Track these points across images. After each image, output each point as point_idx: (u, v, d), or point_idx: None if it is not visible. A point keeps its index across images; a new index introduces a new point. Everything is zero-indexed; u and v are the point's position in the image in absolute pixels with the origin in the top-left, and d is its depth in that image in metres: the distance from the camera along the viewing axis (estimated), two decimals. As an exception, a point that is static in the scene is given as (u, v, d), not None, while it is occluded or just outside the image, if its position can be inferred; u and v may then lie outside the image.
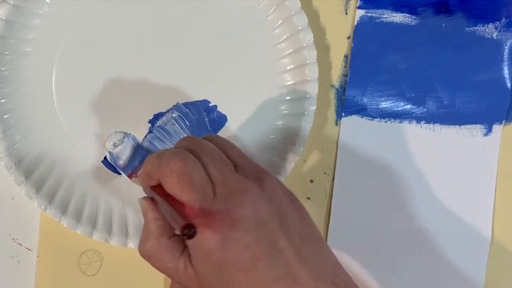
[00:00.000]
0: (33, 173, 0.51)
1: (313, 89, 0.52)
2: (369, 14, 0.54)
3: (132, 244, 0.52)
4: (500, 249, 0.56)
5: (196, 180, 0.39)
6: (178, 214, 0.38)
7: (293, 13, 0.51)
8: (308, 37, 0.52)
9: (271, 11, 0.52)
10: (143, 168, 0.42)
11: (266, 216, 0.39)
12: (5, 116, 0.51)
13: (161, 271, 0.42)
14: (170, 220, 0.41)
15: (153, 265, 0.42)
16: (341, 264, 0.41)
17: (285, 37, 0.53)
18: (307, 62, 0.52)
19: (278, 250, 0.38)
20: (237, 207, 0.38)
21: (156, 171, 0.40)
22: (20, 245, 0.54)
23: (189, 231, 0.37)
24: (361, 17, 0.54)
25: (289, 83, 0.53)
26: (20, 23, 0.50)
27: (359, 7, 0.54)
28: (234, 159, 0.42)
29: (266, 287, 0.38)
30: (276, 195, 0.40)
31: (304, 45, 0.52)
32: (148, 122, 0.52)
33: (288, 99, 0.53)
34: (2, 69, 0.51)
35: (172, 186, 0.39)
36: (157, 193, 0.41)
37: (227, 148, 0.43)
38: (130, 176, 0.49)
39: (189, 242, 0.40)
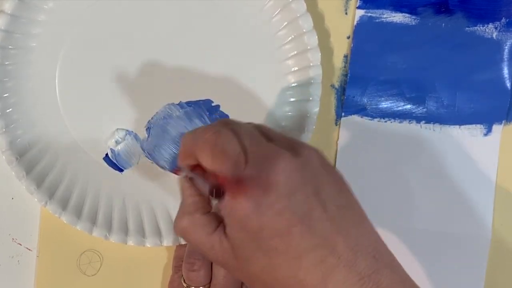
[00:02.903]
0: (34, 168, 0.51)
1: (316, 91, 0.52)
2: (369, 14, 0.54)
3: (132, 242, 0.52)
4: (500, 249, 0.56)
5: (229, 149, 0.39)
6: (209, 182, 0.39)
7: (298, 15, 0.52)
8: (312, 40, 0.52)
9: (277, 12, 0.52)
10: (180, 146, 0.42)
11: (299, 182, 0.38)
12: (8, 111, 0.51)
13: (196, 248, 0.42)
14: (203, 190, 0.41)
15: (188, 241, 0.42)
16: (383, 241, 0.40)
17: (289, 39, 0.53)
18: (311, 64, 0.52)
19: (313, 218, 0.38)
20: (269, 173, 0.38)
21: (191, 145, 0.41)
22: (20, 245, 0.54)
23: (217, 191, 0.37)
24: (361, 17, 0.54)
25: (293, 85, 0.53)
26: (25, 17, 0.50)
27: (359, 7, 0.54)
28: (267, 134, 0.42)
29: (303, 254, 0.37)
30: (311, 163, 0.40)
31: (309, 47, 0.52)
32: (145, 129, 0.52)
33: (291, 101, 0.53)
34: (6, 63, 0.51)
35: (206, 156, 0.39)
36: (195, 171, 0.41)
37: (261, 127, 0.43)
38: (176, 172, 0.49)
39: (224, 212, 0.39)
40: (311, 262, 0.37)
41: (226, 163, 0.38)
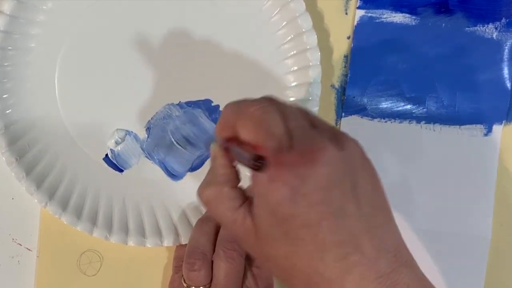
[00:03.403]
0: (34, 169, 0.51)
1: (316, 90, 0.52)
2: (369, 14, 0.54)
3: (132, 242, 0.52)
4: (500, 249, 0.56)
5: (274, 129, 0.37)
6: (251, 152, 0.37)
7: (297, 14, 0.52)
8: (312, 39, 0.52)
9: (276, 12, 0.52)
10: (220, 117, 0.41)
11: (339, 177, 0.37)
12: (7, 112, 0.51)
13: (217, 219, 0.42)
14: (241, 160, 0.39)
15: (210, 210, 0.42)
16: (404, 241, 0.40)
17: (289, 38, 0.53)
18: (310, 64, 0.52)
19: (345, 214, 0.37)
20: (311, 163, 0.37)
21: (233, 115, 0.39)
22: (20, 245, 0.54)
23: (260, 162, 0.36)
24: (361, 17, 0.54)
25: (292, 84, 0.53)
26: (24, 18, 0.50)
27: (359, 7, 0.54)
28: (312, 119, 0.41)
29: (328, 248, 0.37)
30: (353, 157, 0.39)
31: (308, 47, 0.52)
32: (145, 129, 0.52)
33: (291, 100, 0.53)
34: (5, 64, 0.51)
35: (249, 131, 0.38)
36: (231, 143, 0.40)
37: (305, 111, 0.42)
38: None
39: (257, 191, 0.39)
40: (333, 257, 0.37)
41: (270, 142, 0.37)
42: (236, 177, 0.42)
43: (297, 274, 0.39)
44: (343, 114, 0.55)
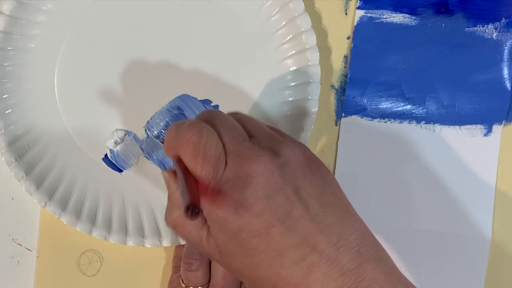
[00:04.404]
0: (34, 169, 0.51)
1: (315, 90, 0.52)
2: (369, 15, 0.54)
3: (131, 242, 0.52)
4: (500, 249, 0.56)
5: (210, 150, 0.38)
6: (188, 190, 0.38)
7: (296, 14, 0.52)
8: (311, 39, 0.52)
9: (275, 12, 0.52)
10: (165, 139, 0.42)
11: (278, 183, 0.38)
12: (7, 112, 0.51)
13: (186, 240, 0.42)
14: (180, 196, 0.40)
15: (179, 233, 0.42)
16: (373, 235, 0.40)
17: (288, 38, 0.53)
18: (310, 64, 0.52)
19: (293, 217, 0.38)
20: (247, 175, 0.38)
21: (174, 142, 0.40)
22: (20, 245, 0.54)
23: (193, 211, 0.36)
24: (361, 18, 0.54)
25: (291, 84, 0.53)
26: (24, 19, 0.51)
27: (359, 8, 0.54)
28: (250, 130, 0.42)
29: (283, 253, 0.38)
30: (292, 163, 0.40)
31: (307, 46, 0.52)
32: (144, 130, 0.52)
33: (290, 100, 0.53)
34: (5, 64, 0.51)
35: (187, 158, 0.39)
36: (179, 166, 0.40)
37: (244, 120, 0.43)
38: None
39: (204, 213, 0.39)
40: (291, 260, 0.38)
41: (206, 165, 0.38)
42: None
43: (264, 283, 0.39)
44: (343, 114, 0.55)
